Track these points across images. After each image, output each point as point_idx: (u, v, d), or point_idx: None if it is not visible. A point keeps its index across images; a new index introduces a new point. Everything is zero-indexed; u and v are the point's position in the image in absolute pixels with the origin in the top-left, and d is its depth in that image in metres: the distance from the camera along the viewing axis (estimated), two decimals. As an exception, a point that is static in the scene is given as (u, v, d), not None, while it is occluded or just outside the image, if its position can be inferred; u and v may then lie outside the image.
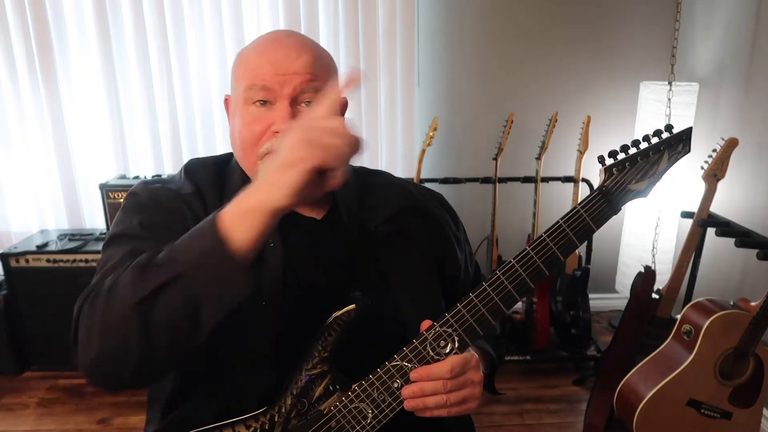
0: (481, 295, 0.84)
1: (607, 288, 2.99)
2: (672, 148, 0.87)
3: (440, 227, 1.04)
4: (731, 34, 2.41)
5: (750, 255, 2.03)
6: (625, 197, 0.85)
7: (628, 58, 2.76)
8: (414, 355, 0.85)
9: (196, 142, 2.72)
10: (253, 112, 0.89)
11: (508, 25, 2.73)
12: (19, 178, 2.68)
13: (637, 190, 0.85)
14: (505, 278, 0.84)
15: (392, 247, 0.98)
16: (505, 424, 2.22)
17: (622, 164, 0.85)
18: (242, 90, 0.90)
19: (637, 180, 0.85)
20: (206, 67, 2.62)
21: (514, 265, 0.84)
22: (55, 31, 2.52)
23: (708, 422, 1.70)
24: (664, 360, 1.75)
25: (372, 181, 1.06)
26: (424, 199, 1.07)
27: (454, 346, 0.85)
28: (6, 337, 2.49)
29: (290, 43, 0.90)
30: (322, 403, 0.87)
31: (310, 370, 0.86)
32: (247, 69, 0.90)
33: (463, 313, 0.84)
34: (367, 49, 2.61)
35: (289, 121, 0.85)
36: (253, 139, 0.89)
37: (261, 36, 0.96)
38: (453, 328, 0.85)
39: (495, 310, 0.85)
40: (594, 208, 0.84)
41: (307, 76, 0.88)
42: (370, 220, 0.98)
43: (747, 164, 2.25)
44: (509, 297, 0.84)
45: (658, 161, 0.86)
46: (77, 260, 2.42)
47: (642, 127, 2.61)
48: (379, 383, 0.85)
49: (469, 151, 2.83)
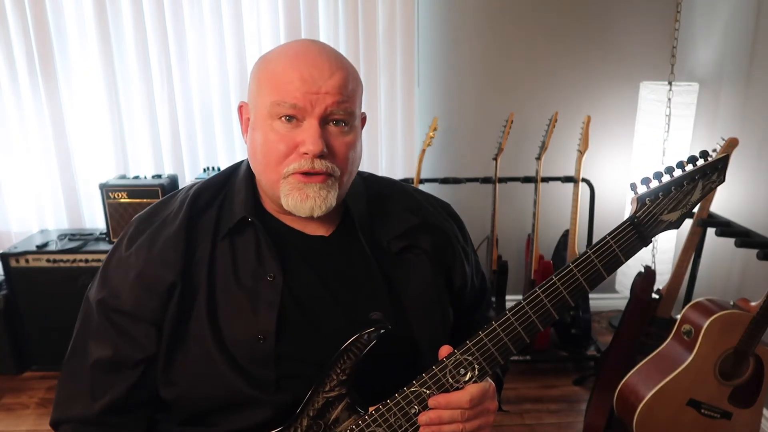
0: (505, 324, 0.83)
1: (607, 288, 2.99)
2: (707, 178, 0.82)
3: (449, 241, 1.02)
4: (731, 34, 2.41)
5: (750, 255, 2.03)
6: (656, 228, 0.82)
7: (628, 58, 2.76)
8: (433, 381, 0.84)
9: (196, 142, 2.72)
10: (279, 128, 0.86)
11: (508, 25, 2.72)
12: (19, 178, 2.68)
13: (669, 221, 0.82)
14: (529, 308, 0.83)
15: (404, 264, 0.96)
16: (505, 424, 2.21)
17: (656, 194, 0.82)
18: (269, 103, 0.86)
19: (669, 210, 0.82)
20: (206, 67, 2.62)
21: (539, 294, 0.83)
22: (55, 31, 2.52)
23: (708, 422, 1.70)
24: (664, 360, 1.75)
25: (381, 191, 1.02)
26: (435, 211, 1.04)
27: (474, 375, 0.84)
28: (6, 337, 2.49)
29: (323, 60, 0.86)
30: (338, 426, 0.86)
31: (328, 393, 0.85)
32: (277, 82, 0.85)
33: (485, 342, 0.83)
34: (367, 49, 2.61)
35: (317, 141, 0.84)
36: (278, 157, 0.86)
37: (289, 44, 0.91)
38: (474, 357, 0.84)
39: (517, 339, 0.83)
40: (624, 240, 0.82)
41: (339, 96, 0.85)
42: (381, 234, 0.96)
43: (747, 164, 2.25)
44: (532, 327, 0.83)
45: (692, 191, 0.82)
46: (77, 260, 2.42)
47: (642, 127, 2.61)
48: (397, 408, 0.84)
49: (469, 151, 2.83)
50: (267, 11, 2.59)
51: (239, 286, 0.89)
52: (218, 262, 0.90)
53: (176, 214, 0.93)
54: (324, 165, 0.86)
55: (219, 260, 0.90)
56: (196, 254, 0.90)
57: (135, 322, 0.88)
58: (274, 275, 0.89)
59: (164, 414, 0.95)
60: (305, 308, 0.90)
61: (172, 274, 0.87)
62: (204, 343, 0.87)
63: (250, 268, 0.90)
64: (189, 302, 0.88)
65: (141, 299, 0.88)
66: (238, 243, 0.91)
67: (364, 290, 0.93)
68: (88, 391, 0.90)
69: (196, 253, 0.90)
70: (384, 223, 0.97)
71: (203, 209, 0.93)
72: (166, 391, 0.91)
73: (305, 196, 0.86)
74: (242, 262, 0.90)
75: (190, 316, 0.88)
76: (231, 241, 0.91)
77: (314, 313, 0.91)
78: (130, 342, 0.88)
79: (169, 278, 0.87)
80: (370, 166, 2.69)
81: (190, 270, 0.89)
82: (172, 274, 0.87)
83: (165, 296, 0.87)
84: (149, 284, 0.88)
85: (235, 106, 2.63)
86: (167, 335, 0.88)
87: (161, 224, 0.92)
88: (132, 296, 0.88)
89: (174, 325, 0.87)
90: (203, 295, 0.88)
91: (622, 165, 2.86)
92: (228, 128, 2.70)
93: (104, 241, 2.52)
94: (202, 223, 0.92)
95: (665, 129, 2.41)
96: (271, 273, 0.89)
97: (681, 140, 2.50)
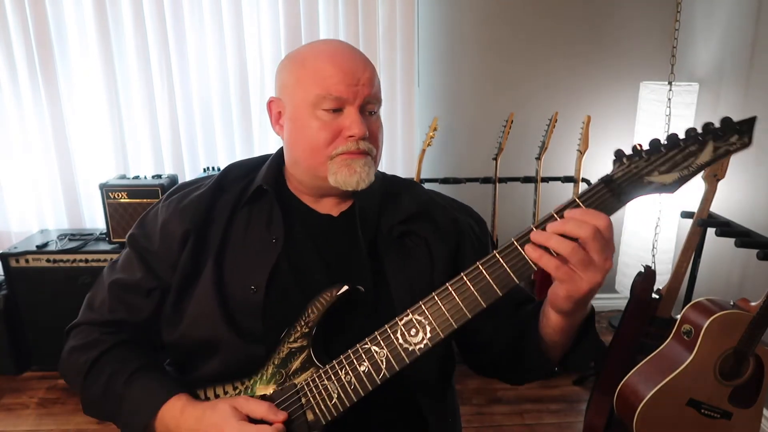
0: (456, 284, 0.81)
1: (607, 288, 2.99)
2: (721, 140, 0.71)
3: (457, 229, 1.04)
4: (731, 34, 2.41)
5: (750, 255, 2.03)
6: (638, 189, 0.75)
7: (628, 58, 2.76)
8: (383, 338, 0.84)
9: (196, 141, 2.72)
10: (323, 116, 0.96)
11: (508, 25, 2.73)
12: (19, 178, 2.68)
13: (660, 183, 0.73)
14: (484, 269, 0.79)
15: (401, 248, 1.01)
16: (505, 424, 2.21)
17: (638, 154, 0.75)
18: (313, 96, 0.95)
19: (661, 171, 0.73)
20: (206, 67, 2.62)
21: (495, 255, 0.79)
22: (55, 31, 2.52)
23: (708, 422, 1.70)
24: (664, 360, 1.75)
25: (398, 190, 1.08)
26: (445, 203, 1.08)
27: (424, 336, 0.82)
28: (6, 337, 2.49)
29: (357, 57, 0.98)
30: (297, 377, 0.90)
31: (292, 343, 0.91)
32: (320, 78, 0.95)
33: (436, 301, 0.81)
34: (367, 49, 2.61)
35: (361, 126, 0.94)
36: (325, 141, 0.96)
37: (320, 44, 1.02)
38: (425, 317, 0.82)
39: (471, 301, 0.80)
40: (593, 198, 0.76)
41: (372, 88, 0.97)
42: (384, 222, 1.02)
43: (747, 164, 2.25)
44: (488, 289, 0.79)
45: (697, 153, 0.72)
46: (77, 260, 2.42)
47: (642, 127, 2.61)
48: (347, 363, 0.86)
49: (469, 151, 2.83)
50: (267, 11, 2.59)
51: (247, 246, 1.00)
52: (234, 226, 1.02)
53: (209, 183, 1.06)
54: (366, 146, 0.98)
55: (236, 224, 1.02)
56: (215, 220, 1.02)
57: (158, 260, 1.01)
58: (277, 237, 0.99)
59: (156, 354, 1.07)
60: (297, 271, 0.99)
61: (186, 225, 0.99)
62: (207, 290, 0.97)
63: (259, 232, 1.01)
64: (201, 254, 1.00)
65: (165, 243, 1.00)
66: (255, 210, 1.03)
67: (354, 269, 1.00)
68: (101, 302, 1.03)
69: (215, 220, 1.02)
70: (391, 212, 1.03)
71: (232, 182, 1.06)
72: (168, 331, 1.01)
73: (353, 171, 0.96)
74: (255, 227, 1.01)
75: (201, 265, 0.99)
76: (249, 210, 1.03)
77: (305, 277, 0.99)
78: (149, 272, 1.01)
79: (184, 227, 0.99)
80: (370, 166, 2.69)
81: (206, 230, 1.01)
82: (186, 225, 0.99)
83: (180, 242, 0.99)
84: (170, 232, 1.00)
85: (236, 105, 2.64)
86: (179, 278, 0.99)
87: (195, 188, 1.06)
88: (159, 239, 1.01)
89: (186, 269, 0.99)
90: (214, 251, 0.99)
91: (622, 165, 2.86)
92: (228, 128, 2.70)
93: (104, 241, 2.52)
94: (227, 194, 1.04)
95: (665, 129, 2.41)
96: (275, 236, 0.99)
97: (681, 140, 2.49)
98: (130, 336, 1.02)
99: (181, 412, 0.90)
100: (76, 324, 1.05)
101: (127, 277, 1.02)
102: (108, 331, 1.01)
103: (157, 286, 1.01)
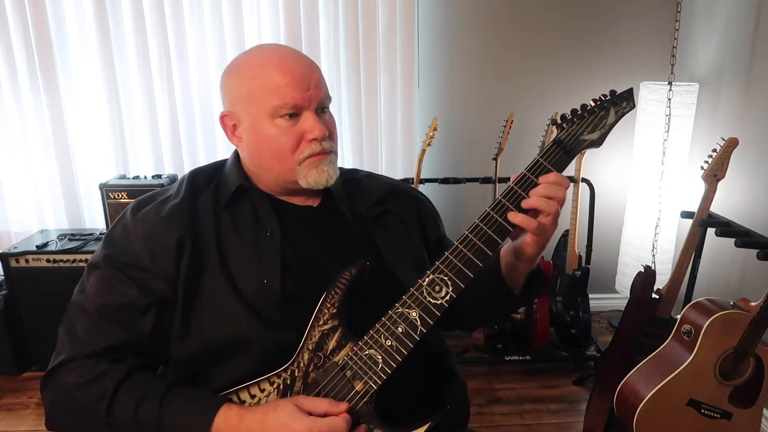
0: (465, 241, 0.94)
1: (607, 288, 2.99)
2: (617, 105, 1.00)
3: (415, 201, 1.20)
4: (731, 34, 2.41)
5: (750, 255, 2.03)
6: (579, 146, 0.98)
7: (628, 58, 2.76)
8: (412, 301, 0.94)
9: (196, 141, 2.72)
10: (283, 124, 1.00)
11: (508, 25, 2.73)
12: (19, 178, 2.68)
13: (591, 140, 0.98)
14: (484, 224, 0.94)
15: (381, 226, 1.13)
16: (505, 424, 2.22)
17: (571, 120, 0.99)
18: (269, 107, 0.99)
19: (589, 131, 0.98)
20: (206, 68, 2.62)
21: (489, 212, 0.94)
22: (55, 31, 2.52)
23: (708, 422, 1.70)
24: (664, 360, 1.75)
25: (354, 176, 1.20)
26: (398, 183, 1.24)
27: (448, 290, 0.93)
28: (6, 337, 2.49)
29: (302, 61, 1.02)
30: (336, 355, 0.95)
31: (323, 326, 0.96)
32: (273, 88, 0.99)
33: (451, 259, 0.94)
34: (367, 49, 2.61)
35: (321, 128, 1.00)
36: (290, 148, 1.01)
37: (262, 52, 1.05)
38: (444, 273, 0.93)
39: (479, 254, 0.93)
40: (552, 156, 0.96)
41: (323, 88, 1.03)
42: (358, 206, 1.13)
43: (747, 164, 2.25)
44: (491, 240, 0.94)
45: (606, 116, 1.00)
46: (77, 260, 2.42)
47: (642, 127, 2.61)
48: (384, 329, 0.94)
49: (469, 151, 2.83)
50: (267, 11, 2.59)
51: (243, 244, 1.02)
52: (222, 229, 1.03)
53: (177, 192, 1.06)
54: (328, 145, 1.04)
55: (223, 228, 1.03)
56: (202, 224, 1.02)
57: (148, 275, 0.98)
58: (271, 230, 1.03)
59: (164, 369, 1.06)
60: (302, 257, 1.04)
61: (180, 231, 0.99)
62: (219, 289, 0.98)
63: (250, 228, 1.04)
64: (201, 258, 1.00)
65: (155, 255, 0.98)
66: (236, 211, 1.05)
67: (353, 248, 1.07)
68: (89, 331, 0.96)
69: (202, 223, 1.02)
70: (360, 196, 1.14)
71: (202, 187, 1.07)
72: (181, 347, 1.00)
73: (321, 171, 1.03)
74: (243, 225, 1.04)
75: (204, 271, 0.99)
76: (230, 212, 1.05)
77: (312, 260, 1.04)
78: (142, 289, 0.97)
79: (177, 234, 0.98)
80: (370, 166, 2.69)
81: (199, 235, 1.01)
82: (180, 231, 0.99)
83: (176, 252, 0.98)
84: (160, 241, 0.98)
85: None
86: (183, 290, 0.98)
87: (164, 200, 1.05)
88: (147, 254, 0.98)
89: (189, 279, 0.98)
90: (214, 253, 1.00)
91: (622, 165, 2.86)
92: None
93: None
94: (202, 199, 1.05)
95: (665, 129, 2.41)
96: (269, 229, 1.04)
97: (681, 140, 2.50)
98: (136, 361, 0.97)
99: (241, 419, 0.89)
100: (66, 360, 0.94)
101: (116, 299, 0.96)
102: (113, 359, 0.94)
103: (152, 302, 0.97)
